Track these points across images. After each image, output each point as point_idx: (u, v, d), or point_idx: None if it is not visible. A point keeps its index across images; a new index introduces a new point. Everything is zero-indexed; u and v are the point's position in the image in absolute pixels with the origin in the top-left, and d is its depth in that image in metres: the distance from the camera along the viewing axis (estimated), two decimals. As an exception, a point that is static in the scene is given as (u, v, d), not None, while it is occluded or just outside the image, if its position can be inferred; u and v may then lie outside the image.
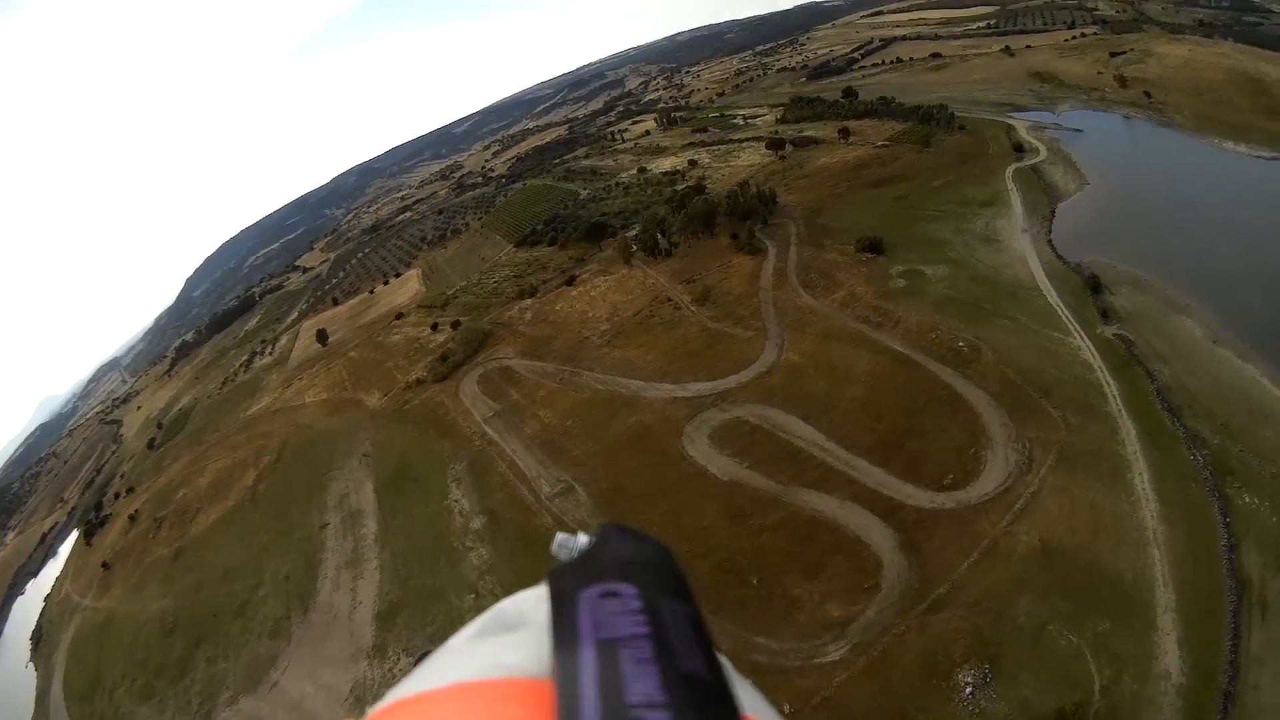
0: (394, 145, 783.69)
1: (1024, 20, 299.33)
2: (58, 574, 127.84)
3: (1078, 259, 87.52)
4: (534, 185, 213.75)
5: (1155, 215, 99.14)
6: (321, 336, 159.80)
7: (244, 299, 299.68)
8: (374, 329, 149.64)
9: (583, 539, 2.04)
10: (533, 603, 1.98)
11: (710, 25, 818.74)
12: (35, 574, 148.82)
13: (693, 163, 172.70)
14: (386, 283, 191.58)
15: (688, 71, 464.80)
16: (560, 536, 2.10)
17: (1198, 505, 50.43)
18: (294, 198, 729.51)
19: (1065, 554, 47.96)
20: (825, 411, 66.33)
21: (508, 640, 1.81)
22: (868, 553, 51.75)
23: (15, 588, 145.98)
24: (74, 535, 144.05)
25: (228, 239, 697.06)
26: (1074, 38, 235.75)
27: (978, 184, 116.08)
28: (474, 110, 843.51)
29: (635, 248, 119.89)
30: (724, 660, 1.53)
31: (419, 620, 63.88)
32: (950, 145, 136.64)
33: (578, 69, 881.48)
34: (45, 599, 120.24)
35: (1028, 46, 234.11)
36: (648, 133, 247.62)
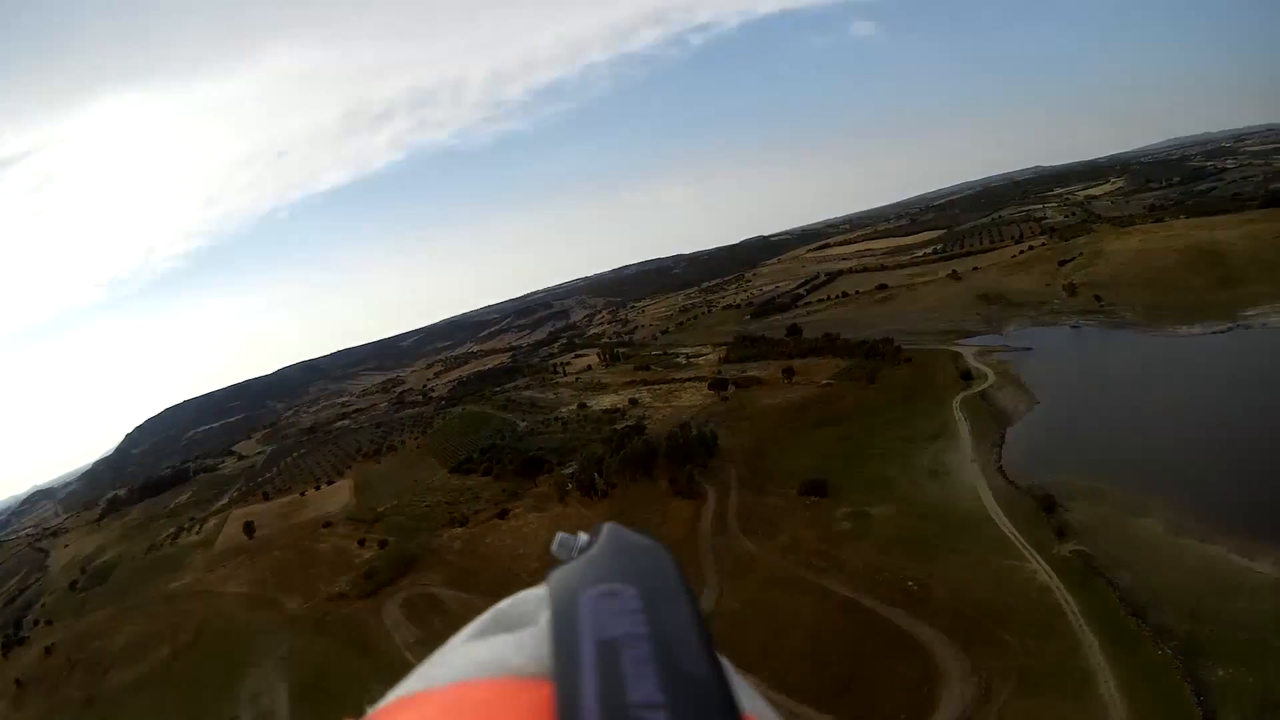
0: (341, 348, 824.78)
1: (971, 241, 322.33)
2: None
3: (1030, 481, 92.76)
4: (473, 411, 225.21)
5: (1107, 422, 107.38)
6: (249, 529, 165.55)
7: (179, 471, 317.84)
8: (301, 532, 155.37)
9: (583, 539, 2.16)
10: (533, 603, 2.10)
11: (657, 259, 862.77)
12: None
13: (633, 401, 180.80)
14: (318, 488, 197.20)
15: (633, 306, 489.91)
16: (560, 536, 2.23)
17: (1170, 693, 53.76)
18: (239, 380, 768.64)
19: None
20: (765, 659, 68.26)
21: (508, 640, 1.89)
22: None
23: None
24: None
25: (171, 405, 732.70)
26: (1021, 252, 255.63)
27: (925, 417, 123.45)
28: (421, 325, 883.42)
29: (571, 485, 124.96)
30: (724, 660, 1.59)
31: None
32: (896, 379, 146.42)
33: (525, 295, 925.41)
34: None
35: (975, 268, 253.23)
36: (590, 367, 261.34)
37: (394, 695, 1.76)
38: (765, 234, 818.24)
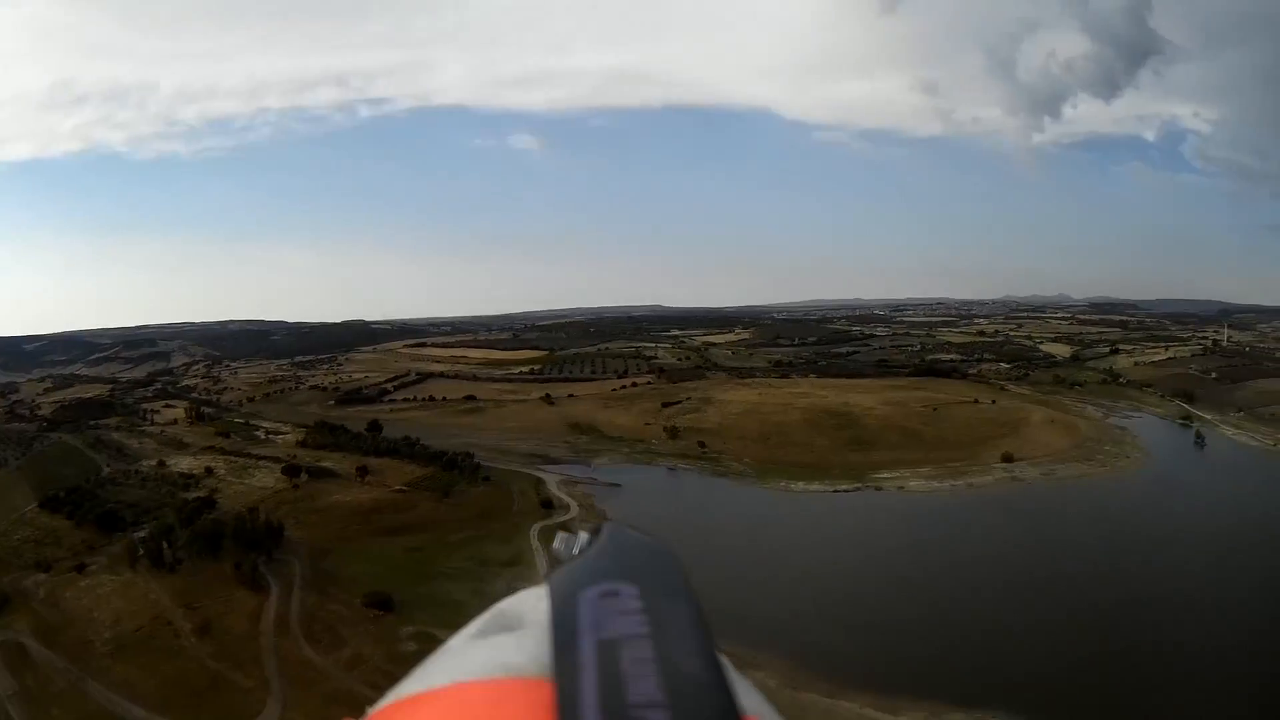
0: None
1: (572, 368, 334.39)
2: None
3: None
4: (67, 444, 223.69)
5: (706, 570, 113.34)
6: None
7: None
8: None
9: (583, 537, 2.33)
10: (533, 602, 2.22)
11: (260, 321, 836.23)
12: None
13: (209, 470, 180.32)
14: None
15: (228, 366, 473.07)
16: (561, 535, 2.44)
17: None
18: None
19: None
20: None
21: (508, 640, 2.02)
22: None
23: None
24: None
25: None
26: (624, 387, 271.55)
27: (500, 542, 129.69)
28: (45, 332, 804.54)
29: (141, 551, 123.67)
30: (725, 660, 1.69)
31: None
32: (473, 497, 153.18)
33: (138, 327, 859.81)
34: None
35: (570, 395, 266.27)
36: (176, 421, 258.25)
37: (393, 696, 1.93)
38: (368, 319, 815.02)
